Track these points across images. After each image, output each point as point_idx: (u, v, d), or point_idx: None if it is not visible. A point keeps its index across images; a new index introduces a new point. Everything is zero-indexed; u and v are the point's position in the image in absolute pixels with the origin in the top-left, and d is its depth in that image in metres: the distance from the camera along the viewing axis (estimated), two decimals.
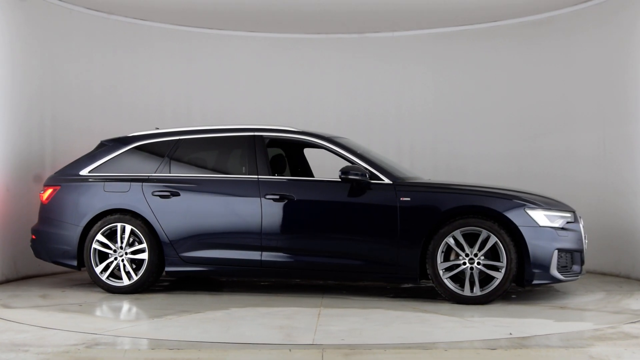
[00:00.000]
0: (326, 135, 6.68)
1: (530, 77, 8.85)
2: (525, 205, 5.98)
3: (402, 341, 4.64)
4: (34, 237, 7.02)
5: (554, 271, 5.91)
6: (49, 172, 8.01)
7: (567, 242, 6.01)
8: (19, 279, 7.54)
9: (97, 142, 8.47)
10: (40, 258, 7.09)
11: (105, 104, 8.75)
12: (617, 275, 7.70)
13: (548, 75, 8.68)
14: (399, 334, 4.92)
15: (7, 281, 7.36)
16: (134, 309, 6.04)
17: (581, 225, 6.21)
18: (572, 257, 6.09)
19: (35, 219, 7.58)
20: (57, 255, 6.87)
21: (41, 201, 7.03)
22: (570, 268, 6.07)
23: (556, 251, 5.90)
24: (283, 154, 7.28)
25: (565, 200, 6.98)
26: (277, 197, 6.32)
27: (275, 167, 6.88)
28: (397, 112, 9.53)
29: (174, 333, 4.97)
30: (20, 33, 7.71)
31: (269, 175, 6.46)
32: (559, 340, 4.69)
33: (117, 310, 6.03)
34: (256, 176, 6.45)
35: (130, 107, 8.97)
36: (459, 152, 9.21)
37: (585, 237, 6.28)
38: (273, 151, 7.09)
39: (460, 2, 8.41)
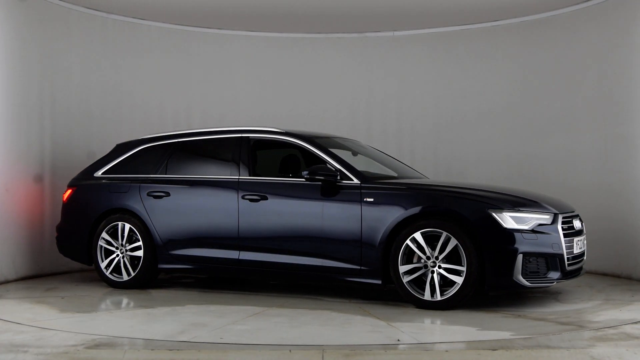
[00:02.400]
0: (307, 136, 6.66)
1: (531, 77, 8.83)
2: (488, 206, 5.69)
3: (281, 342, 4.63)
4: (57, 234, 7.49)
5: (519, 276, 5.55)
6: (48, 172, 8.03)
7: (538, 246, 5.63)
8: (18, 279, 7.52)
9: (96, 143, 8.55)
10: (62, 254, 7.52)
11: (105, 103, 8.74)
12: (618, 276, 7.68)
13: (548, 75, 8.67)
14: (291, 335, 4.88)
15: (6, 281, 7.34)
16: (90, 302, 6.38)
17: (559, 227, 5.78)
18: (547, 262, 5.70)
19: (34, 219, 7.82)
20: (72, 252, 7.38)
21: (63, 201, 7.47)
22: (545, 274, 5.69)
23: (521, 255, 5.55)
24: (297, 154, 7.20)
25: (564, 200, 6.96)
26: (253, 197, 6.45)
27: (288, 167, 6.85)
28: (397, 112, 9.52)
29: (90, 327, 5.19)
30: (20, 33, 7.69)
31: (250, 176, 6.59)
32: (560, 341, 4.68)
33: (72, 301, 6.35)
34: (236, 177, 6.62)
35: (129, 107, 8.95)
36: (459, 152, 9.20)
37: (574, 240, 5.95)
38: (287, 151, 7.09)
39: (460, 2, 8.40)
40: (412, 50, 9.49)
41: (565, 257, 5.78)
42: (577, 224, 6.15)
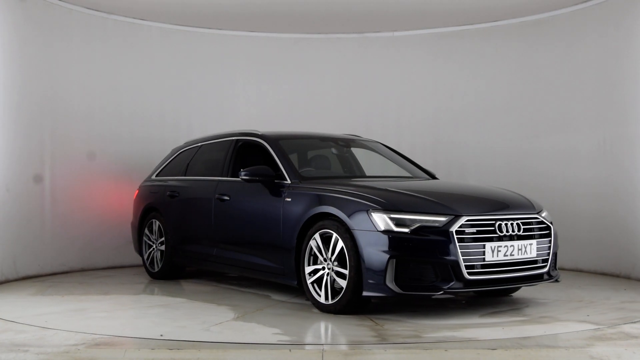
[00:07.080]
0: (272, 137, 6.69)
1: (531, 77, 8.85)
2: (369, 207, 5.35)
3: (86, 330, 4.95)
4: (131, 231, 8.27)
5: (390, 283, 5.16)
6: (48, 173, 8.05)
7: (418, 251, 5.19)
8: (18, 279, 7.53)
9: (97, 143, 8.59)
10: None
11: (105, 104, 8.75)
12: (617, 276, 7.69)
13: (548, 75, 8.68)
14: (109, 323, 5.27)
15: (7, 281, 7.35)
16: (54, 290, 6.96)
17: (453, 230, 5.18)
18: (435, 269, 5.20)
19: (34, 219, 7.84)
20: (134, 246, 8.14)
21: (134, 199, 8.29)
22: (433, 282, 5.19)
23: (394, 260, 5.15)
24: (327, 154, 7.25)
25: (564, 199, 6.97)
26: (222, 197, 6.76)
27: (319, 166, 6.91)
28: (397, 112, 9.54)
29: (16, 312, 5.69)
30: (20, 33, 7.71)
31: (230, 177, 6.85)
32: (559, 341, 4.69)
33: (48, 288, 7.09)
34: (216, 178, 7.01)
35: (130, 107, 8.97)
36: (459, 151, 9.22)
37: (488, 245, 5.30)
38: (317, 151, 7.17)
39: (460, 2, 8.41)
40: (412, 50, 9.50)
41: (463, 264, 5.20)
42: (511, 227, 5.46)
